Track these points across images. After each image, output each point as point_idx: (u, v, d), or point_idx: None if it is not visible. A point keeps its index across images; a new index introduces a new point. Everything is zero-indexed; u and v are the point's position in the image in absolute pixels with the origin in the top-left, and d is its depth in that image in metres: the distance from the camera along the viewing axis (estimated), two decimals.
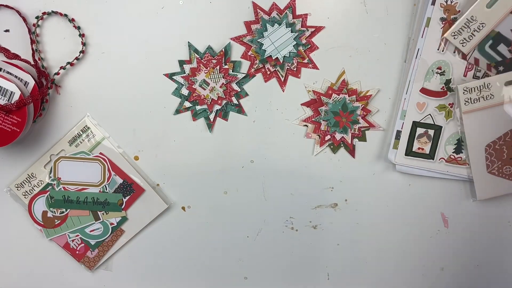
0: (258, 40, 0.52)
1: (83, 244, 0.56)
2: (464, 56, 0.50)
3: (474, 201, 0.54)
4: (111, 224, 0.55)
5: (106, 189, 0.55)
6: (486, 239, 0.56)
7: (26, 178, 0.55)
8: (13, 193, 0.55)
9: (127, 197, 0.55)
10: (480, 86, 0.50)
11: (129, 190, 0.55)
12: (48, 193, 0.54)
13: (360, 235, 0.56)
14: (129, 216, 0.56)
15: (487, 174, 0.52)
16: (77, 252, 0.56)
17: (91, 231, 0.56)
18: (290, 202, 0.56)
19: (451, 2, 0.50)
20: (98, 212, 0.55)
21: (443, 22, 0.50)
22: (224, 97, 0.54)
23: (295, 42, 0.52)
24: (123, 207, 0.55)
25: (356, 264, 0.57)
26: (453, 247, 0.56)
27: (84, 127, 0.54)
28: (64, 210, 0.55)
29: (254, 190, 0.56)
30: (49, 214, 0.55)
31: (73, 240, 0.56)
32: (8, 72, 0.50)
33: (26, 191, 0.55)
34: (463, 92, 0.51)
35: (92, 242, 0.56)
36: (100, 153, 0.54)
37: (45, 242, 0.56)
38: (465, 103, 0.51)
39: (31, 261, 0.57)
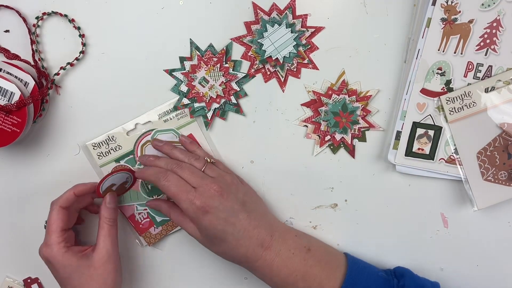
0: (258, 41, 0.52)
1: (148, 219, 0.56)
2: None
3: (475, 211, 0.54)
4: None
5: None
6: (486, 239, 0.56)
7: (106, 140, 0.54)
8: (87, 151, 0.54)
9: None
10: (461, 95, 0.51)
11: None
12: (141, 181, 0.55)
13: (360, 235, 0.56)
14: None
15: (483, 182, 0.52)
16: (140, 225, 0.56)
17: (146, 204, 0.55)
18: (290, 202, 0.56)
19: (452, 2, 0.50)
20: None
21: (444, 23, 0.50)
22: (223, 95, 0.54)
23: (295, 43, 0.52)
24: None
25: None
26: (453, 247, 0.56)
27: (174, 106, 0.54)
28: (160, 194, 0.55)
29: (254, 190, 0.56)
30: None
31: (139, 213, 0.56)
32: (8, 73, 0.50)
33: (102, 152, 0.54)
34: (447, 102, 0.51)
35: (158, 219, 0.56)
36: (190, 135, 0.54)
37: None
38: (450, 113, 0.51)
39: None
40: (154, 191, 0.55)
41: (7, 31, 0.53)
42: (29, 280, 0.58)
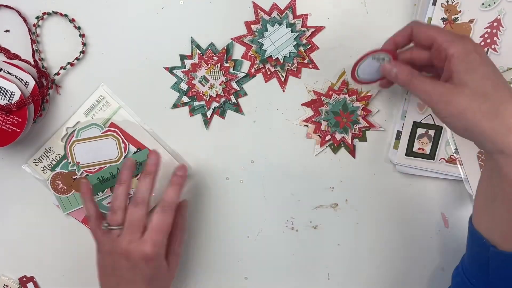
0: (259, 40, 0.52)
1: None
2: None
3: None
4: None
5: None
6: None
7: (44, 153, 0.54)
8: (32, 169, 0.54)
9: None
10: None
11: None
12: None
13: (360, 235, 0.56)
14: None
15: None
16: None
17: (108, 203, 0.55)
18: (290, 202, 0.56)
19: (452, 2, 0.50)
20: None
21: (444, 22, 0.50)
22: (223, 95, 0.54)
23: (295, 42, 0.52)
24: None
25: (356, 264, 0.57)
26: (453, 247, 0.56)
27: (99, 97, 0.54)
28: (103, 191, 0.55)
29: (254, 190, 0.56)
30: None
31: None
32: (8, 72, 0.50)
33: (45, 166, 0.54)
34: None
35: None
36: (112, 124, 0.53)
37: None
38: None
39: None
40: (96, 189, 0.54)
41: (7, 31, 0.53)
42: (24, 279, 0.58)
